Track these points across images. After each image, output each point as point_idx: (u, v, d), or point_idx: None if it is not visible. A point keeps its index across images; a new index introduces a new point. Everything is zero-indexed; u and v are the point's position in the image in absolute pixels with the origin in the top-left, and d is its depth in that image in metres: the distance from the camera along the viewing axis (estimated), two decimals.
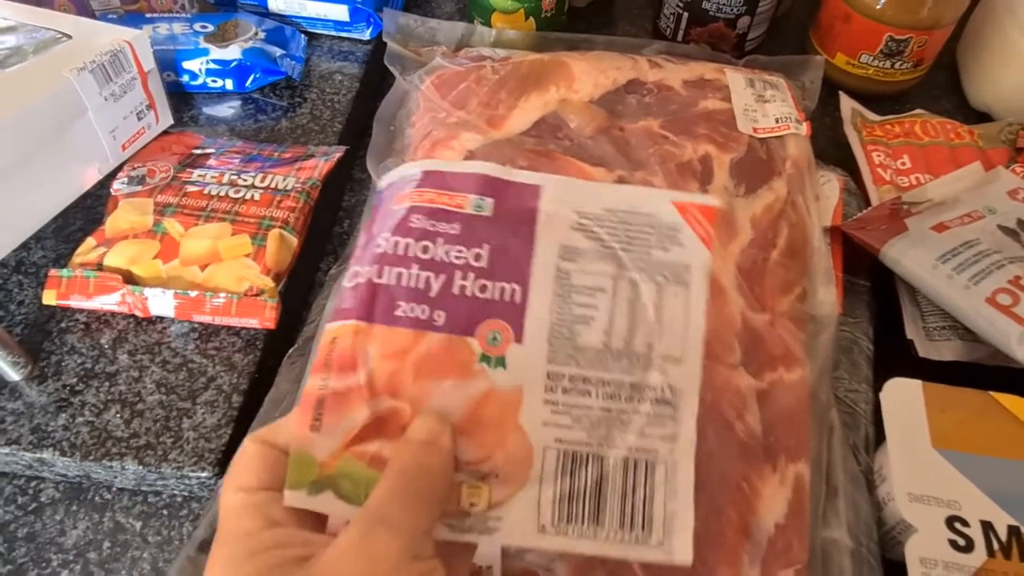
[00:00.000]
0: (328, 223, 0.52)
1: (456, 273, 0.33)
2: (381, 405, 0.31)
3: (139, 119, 0.48)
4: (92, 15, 0.54)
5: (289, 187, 0.46)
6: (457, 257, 0.34)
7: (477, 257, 0.34)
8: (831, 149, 0.56)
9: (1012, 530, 0.34)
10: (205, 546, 0.35)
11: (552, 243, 0.34)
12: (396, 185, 0.37)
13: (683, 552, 0.31)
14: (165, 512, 0.40)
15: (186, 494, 0.41)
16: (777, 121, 0.49)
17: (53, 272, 0.42)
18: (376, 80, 0.61)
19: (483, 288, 0.33)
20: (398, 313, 0.32)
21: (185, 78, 0.54)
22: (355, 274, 0.34)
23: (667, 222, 0.36)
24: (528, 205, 0.35)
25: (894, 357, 0.43)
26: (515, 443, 0.32)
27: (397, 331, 0.32)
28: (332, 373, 0.32)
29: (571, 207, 0.35)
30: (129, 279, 0.42)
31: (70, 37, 0.46)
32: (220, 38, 0.54)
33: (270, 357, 0.43)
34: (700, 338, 0.34)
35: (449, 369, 0.32)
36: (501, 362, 0.32)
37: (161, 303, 0.41)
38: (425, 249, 0.34)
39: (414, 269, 0.33)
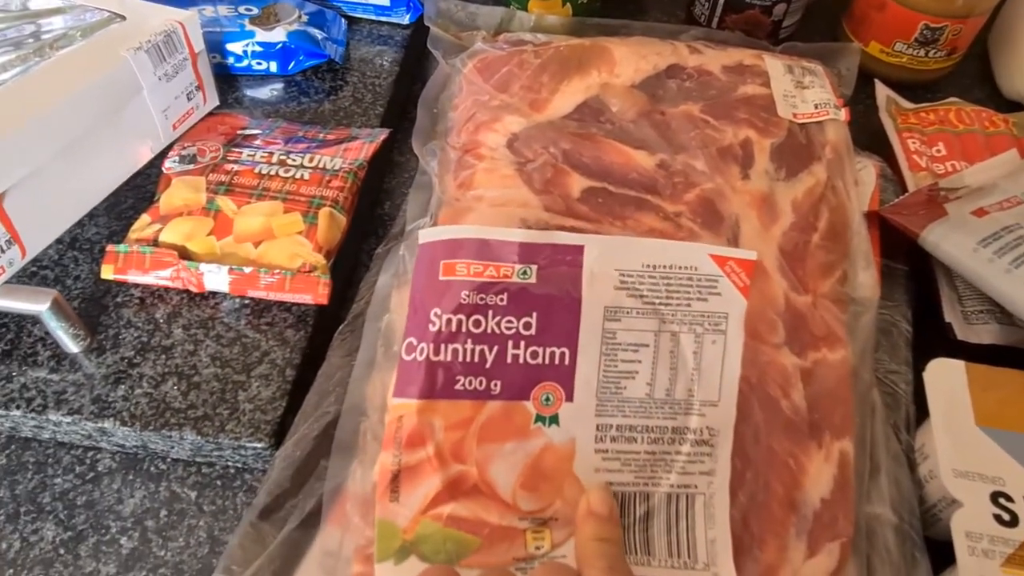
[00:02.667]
0: (369, 204, 0.52)
1: (508, 343, 0.36)
2: (450, 471, 0.34)
3: (188, 99, 0.49)
4: None
5: (337, 167, 0.47)
6: (508, 327, 0.36)
7: (527, 326, 0.36)
8: (864, 136, 0.57)
9: None
10: (266, 513, 0.36)
11: (597, 305, 0.37)
12: (442, 248, 0.38)
13: (728, 572, 0.34)
14: (219, 483, 0.41)
15: (239, 465, 0.42)
16: (816, 107, 0.50)
17: (110, 248, 0.43)
18: (414, 64, 0.62)
19: (534, 355, 0.36)
20: (458, 387, 0.35)
21: (230, 60, 0.55)
22: (411, 346, 0.37)
23: (705, 273, 0.39)
24: (572, 267, 0.38)
25: (932, 341, 0.44)
26: (571, 490, 0.35)
27: (459, 404, 0.35)
28: (403, 449, 0.35)
29: (613, 265, 0.38)
30: (184, 255, 0.43)
31: (124, 18, 0.47)
32: (264, 21, 0.55)
33: (318, 333, 0.44)
34: (736, 382, 0.37)
35: (509, 433, 0.35)
36: (555, 420, 0.35)
37: (216, 279, 0.42)
38: (477, 323, 0.36)
39: (469, 344, 0.36)
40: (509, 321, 0.36)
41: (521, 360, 0.36)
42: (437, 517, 0.34)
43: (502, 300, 0.37)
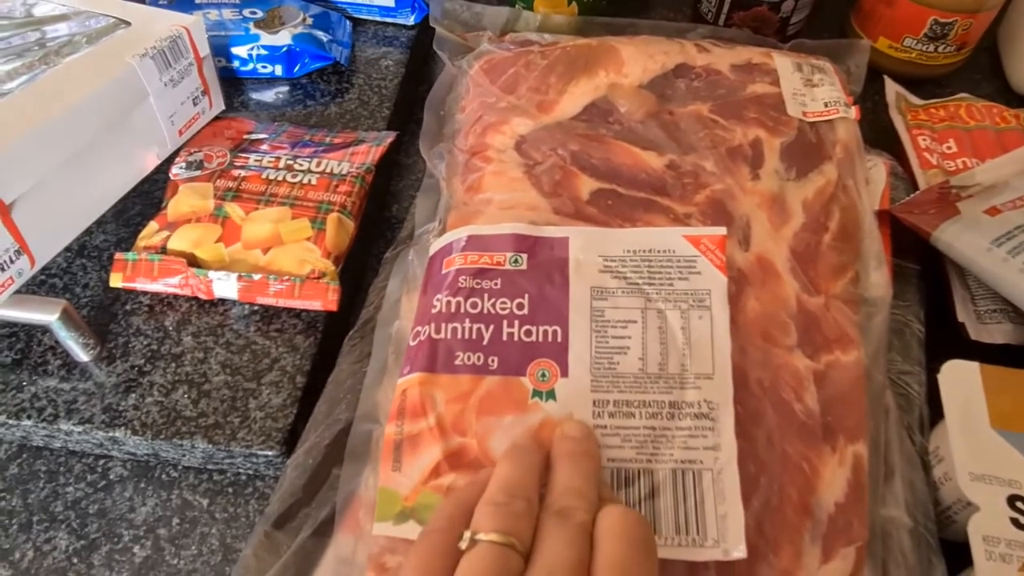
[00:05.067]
0: (377, 207, 0.52)
1: (503, 322, 0.38)
2: (451, 443, 0.35)
3: (195, 104, 0.49)
4: (143, 0, 0.55)
5: (344, 172, 0.47)
6: (502, 308, 0.39)
7: (520, 306, 0.39)
8: (873, 133, 0.56)
9: None
10: (280, 522, 0.36)
11: (584, 286, 0.39)
12: (443, 250, 0.41)
13: (739, 548, 0.34)
14: (231, 490, 0.41)
15: (251, 472, 0.42)
16: (826, 105, 0.49)
17: (119, 256, 0.43)
18: (420, 66, 0.62)
19: (528, 332, 0.38)
20: (457, 362, 0.37)
21: (235, 64, 0.55)
22: (417, 333, 0.39)
23: (683, 255, 0.40)
24: (559, 255, 0.40)
25: (944, 341, 0.44)
26: None
27: (458, 378, 0.37)
28: (406, 419, 0.36)
29: (596, 253, 0.40)
30: (192, 262, 0.43)
31: (128, 24, 0.46)
32: (269, 24, 0.54)
33: (328, 339, 0.44)
34: (727, 354, 0.38)
35: (507, 406, 0.36)
36: (551, 395, 0.36)
37: (225, 286, 0.42)
38: (474, 304, 0.39)
39: (467, 323, 0.38)
40: (503, 302, 0.38)
41: (516, 338, 0.38)
42: (438, 488, 0.34)
43: (496, 284, 0.39)
